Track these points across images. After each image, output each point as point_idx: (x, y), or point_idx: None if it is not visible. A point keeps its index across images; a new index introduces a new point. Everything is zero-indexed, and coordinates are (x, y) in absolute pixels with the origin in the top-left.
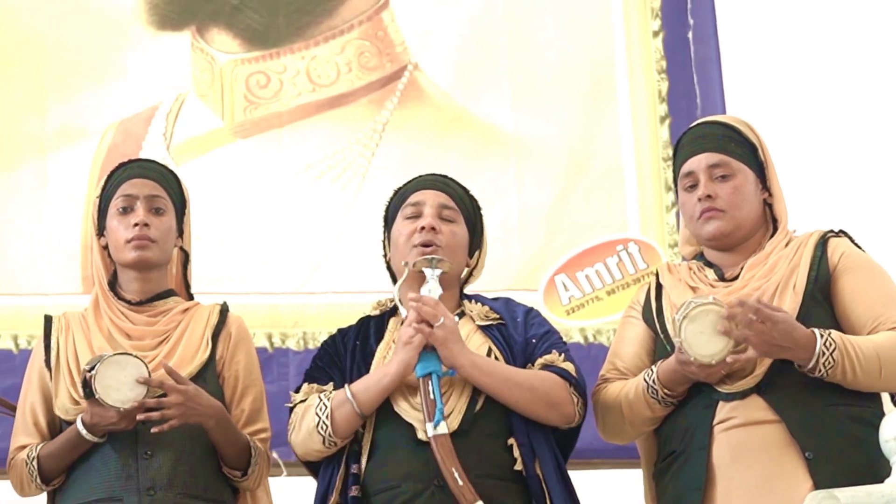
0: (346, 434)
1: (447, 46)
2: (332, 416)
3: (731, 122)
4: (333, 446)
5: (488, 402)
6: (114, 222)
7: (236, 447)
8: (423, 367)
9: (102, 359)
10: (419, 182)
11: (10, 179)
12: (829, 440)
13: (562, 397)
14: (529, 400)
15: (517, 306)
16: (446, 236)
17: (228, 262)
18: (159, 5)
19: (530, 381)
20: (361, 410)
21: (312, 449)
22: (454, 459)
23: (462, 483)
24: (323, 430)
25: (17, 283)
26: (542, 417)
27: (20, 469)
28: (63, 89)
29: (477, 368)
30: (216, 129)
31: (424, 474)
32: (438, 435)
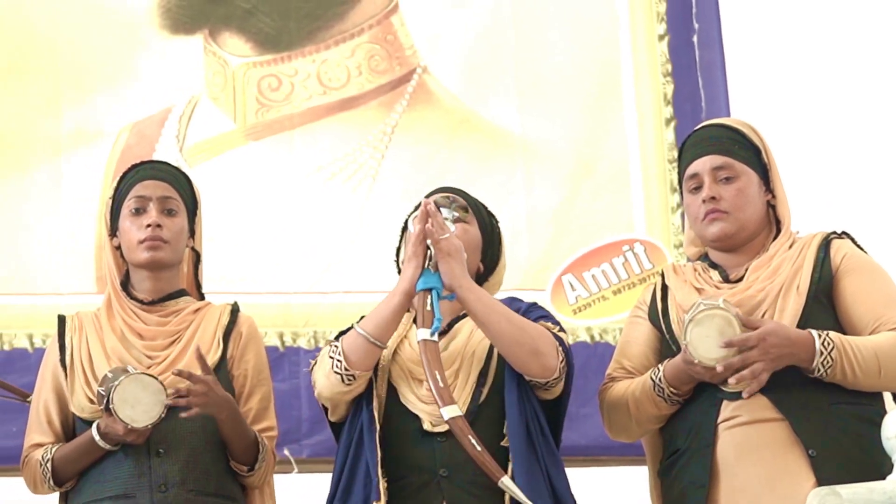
0: (362, 365)
1: (456, 50)
2: (344, 352)
3: (736, 125)
4: (353, 380)
5: (492, 393)
6: (126, 223)
7: (245, 441)
8: (425, 282)
9: (128, 373)
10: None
11: (26, 181)
12: (832, 438)
13: (547, 348)
14: (516, 339)
15: (519, 301)
16: (459, 233)
17: (240, 262)
18: (172, 9)
19: (522, 323)
20: (374, 336)
21: (335, 392)
22: (439, 364)
23: (443, 385)
24: (338, 368)
25: (33, 282)
26: (523, 361)
27: (34, 469)
28: (77, 92)
29: (473, 292)
30: (228, 131)
31: (430, 465)
32: (429, 340)
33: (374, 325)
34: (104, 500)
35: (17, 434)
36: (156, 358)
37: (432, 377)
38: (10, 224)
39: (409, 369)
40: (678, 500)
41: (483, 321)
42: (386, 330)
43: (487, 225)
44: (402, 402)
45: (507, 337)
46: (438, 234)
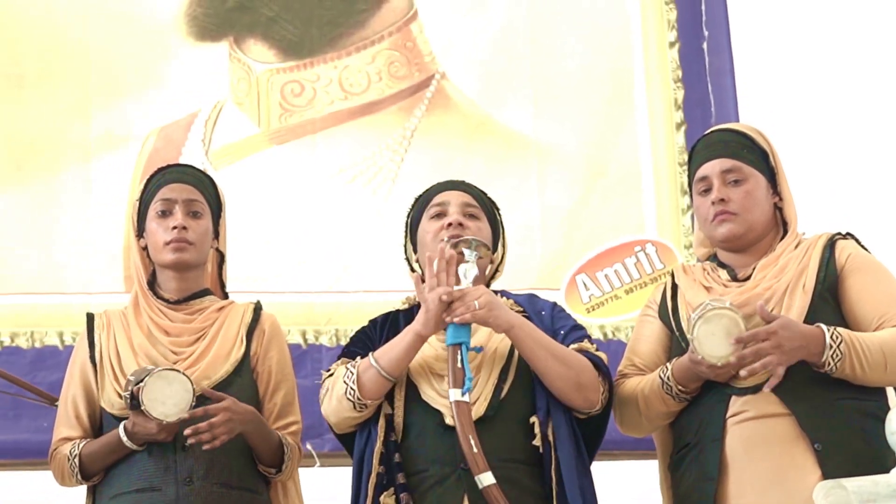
0: (373, 395)
1: (473, 56)
2: (358, 380)
3: (744, 130)
4: (364, 409)
5: (513, 389)
6: (153, 225)
7: (270, 447)
8: (454, 337)
9: (151, 372)
10: (441, 186)
11: (56, 183)
12: (838, 433)
13: (590, 381)
14: (561, 375)
15: (541, 301)
16: (473, 231)
17: (264, 262)
18: (198, 17)
19: (566, 358)
20: (386, 371)
21: (344, 416)
22: (471, 427)
23: (476, 451)
24: (351, 395)
25: (63, 282)
26: (567, 396)
27: (62, 463)
28: (106, 97)
29: (522, 330)
30: (253, 135)
31: (450, 458)
32: (461, 401)
33: (388, 362)
34: (131, 493)
35: (47, 429)
36: (181, 354)
37: (465, 442)
38: (41, 225)
39: (428, 366)
40: (688, 493)
41: (530, 356)
42: (399, 366)
43: (492, 213)
44: (423, 397)
45: (552, 372)
46: (470, 300)
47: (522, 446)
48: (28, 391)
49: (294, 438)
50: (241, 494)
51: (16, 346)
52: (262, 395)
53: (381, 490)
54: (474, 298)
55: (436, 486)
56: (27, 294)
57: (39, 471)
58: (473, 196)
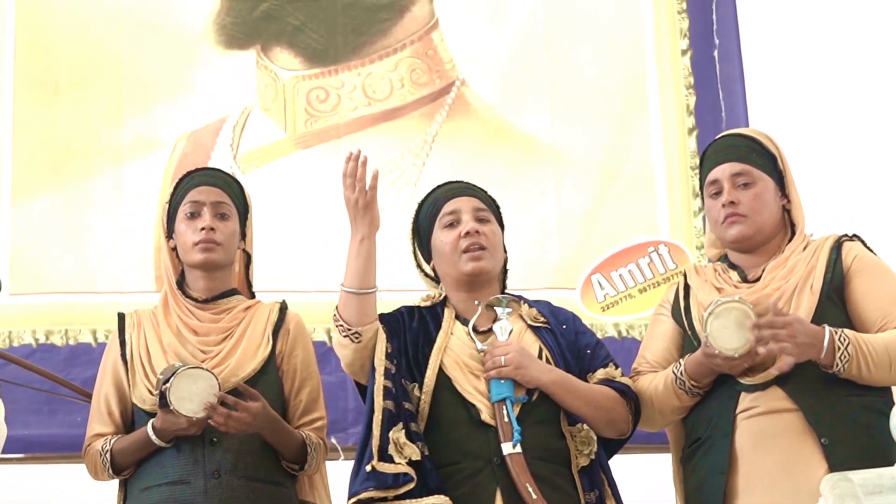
0: (360, 320)
1: (492, 64)
2: (341, 316)
3: (753, 135)
4: (358, 337)
5: (542, 394)
6: (182, 226)
7: (292, 448)
8: (498, 393)
9: (177, 372)
10: (448, 191)
11: (89, 187)
12: (843, 427)
13: (620, 416)
14: (595, 417)
15: (563, 313)
16: (488, 236)
17: (290, 263)
18: (227, 26)
19: (598, 400)
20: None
21: (349, 353)
22: (528, 475)
23: (536, 497)
24: (343, 331)
25: (96, 282)
26: (600, 430)
27: (94, 458)
28: (138, 103)
29: (555, 384)
30: (279, 140)
31: (485, 452)
32: (514, 454)
33: (349, 279)
34: (161, 486)
35: (81, 424)
36: (209, 353)
37: (524, 489)
38: (74, 227)
39: (463, 362)
40: (699, 485)
41: (562, 405)
42: (358, 276)
43: (497, 211)
44: (458, 389)
45: (587, 416)
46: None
47: (550, 446)
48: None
49: (319, 434)
50: (267, 487)
51: (51, 343)
52: (288, 392)
53: (389, 426)
54: (501, 354)
55: (468, 478)
56: (62, 293)
57: (74, 464)
58: (481, 199)
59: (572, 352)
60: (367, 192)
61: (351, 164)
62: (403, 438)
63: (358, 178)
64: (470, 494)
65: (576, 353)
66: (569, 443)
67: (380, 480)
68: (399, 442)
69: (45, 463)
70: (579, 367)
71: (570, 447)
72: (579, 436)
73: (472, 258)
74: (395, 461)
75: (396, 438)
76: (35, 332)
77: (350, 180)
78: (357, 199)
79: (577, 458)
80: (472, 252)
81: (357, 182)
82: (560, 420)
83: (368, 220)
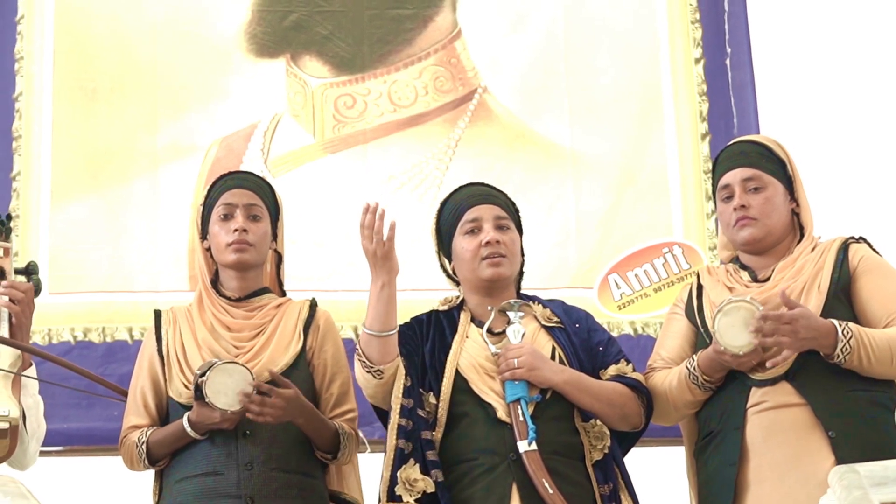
0: (378, 358)
1: (513, 72)
2: (364, 353)
3: (764, 141)
4: (380, 375)
5: (555, 393)
6: (216, 227)
7: (326, 436)
8: (512, 394)
9: (213, 366)
10: (471, 199)
11: (126, 190)
12: (850, 421)
13: (633, 410)
14: (607, 413)
15: (576, 312)
16: (507, 245)
17: (319, 263)
18: (258, 35)
19: (610, 397)
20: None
21: (374, 387)
22: (543, 471)
23: (552, 492)
24: (367, 368)
25: (132, 281)
26: (613, 425)
27: (131, 449)
28: (173, 110)
29: (568, 384)
30: (308, 145)
31: (501, 449)
32: (530, 451)
33: (371, 320)
34: (195, 477)
35: (118, 417)
36: (242, 348)
37: (540, 485)
38: (112, 228)
39: (478, 363)
40: (712, 477)
41: (581, 405)
42: (380, 319)
43: (516, 215)
44: (475, 390)
45: (600, 413)
46: (511, 357)
47: (564, 441)
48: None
49: (351, 425)
50: (299, 478)
51: (88, 340)
52: (319, 385)
53: (400, 463)
54: (514, 357)
55: (485, 474)
56: (99, 292)
57: (110, 456)
58: (502, 206)
59: (585, 349)
60: (384, 243)
61: (369, 217)
62: (416, 474)
63: (376, 230)
64: (488, 490)
65: (589, 351)
66: (583, 438)
67: None
68: (409, 479)
69: (83, 455)
70: (592, 363)
71: (583, 442)
72: (593, 431)
73: (491, 264)
74: (404, 500)
75: (407, 476)
76: (73, 329)
77: (368, 231)
78: (375, 250)
79: (591, 452)
80: (492, 259)
81: (375, 234)
82: (573, 416)
83: (388, 269)
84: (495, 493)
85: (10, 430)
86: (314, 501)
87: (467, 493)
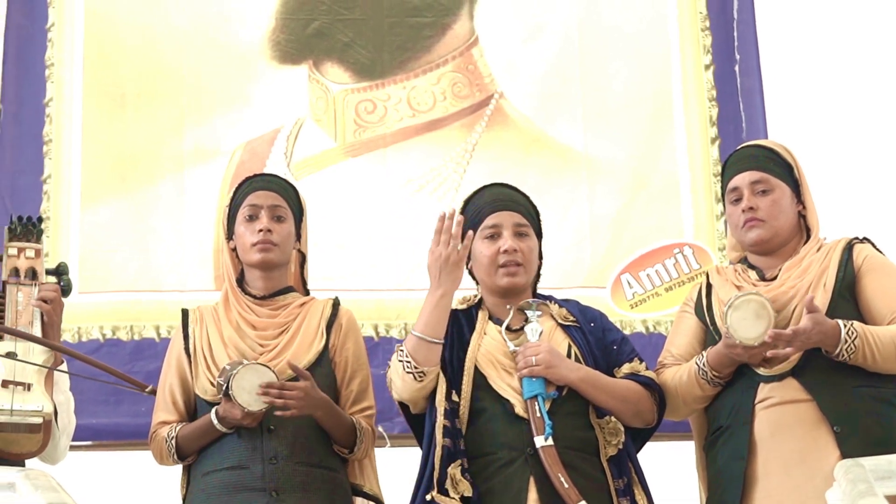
0: (427, 362)
1: (529, 78)
2: (409, 354)
3: (771, 146)
4: (423, 377)
5: (571, 390)
6: (241, 228)
7: (343, 430)
8: (530, 391)
9: (244, 364)
10: (493, 204)
11: (153, 193)
12: (855, 417)
13: (646, 407)
14: (622, 410)
15: (591, 311)
16: (525, 253)
17: (341, 264)
18: (281, 43)
19: (624, 395)
20: (427, 335)
21: (412, 390)
22: (560, 466)
23: (567, 486)
24: (409, 368)
25: (159, 281)
26: (627, 421)
27: (160, 444)
28: (198, 115)
29: (584, 381)
30: (330, 148)
31: (519, 443)
32: (546, 446)
33: (424, 326)
34: (222, 471)
35: (145, 413)
36: (267, 346)
37: (556, 479)
38: (139, 230)
39: (497, 360)
40: (721, 471)
41: (596, 402)
42: (434, 327)
43: (536, 220)
44: (493, 386)
45: (615, 410)
46: (529, 355)
47: (580, 437)
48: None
49: (369, 421)
50: (321, 472)
51: (117, 338)
52: (340, 382)
53: (448, 461)
54: (533, 354)
55: (504, 467)
56: (127, 292)
57: (138, 451)
58: (522, 213)
59: (600, 348)
60: (458, 251)
61: (447, 223)
62: (459, 476)
63: (454, 235)
64: (506, 483)
65: (603, 349)
66: (597, 434)
67: None
68: (455, 478)
69: (111, 450)
70: (606, 361)
71: (598, 438)
72: (607, 427)
73: (507, 273)
74: (451, 495)
75: (454, 475)
76: (102, 328)
77: (445, 237)
78: (449, 255)
79: (606, 448)
80: (508, 268)
81: (452, 239)
82: (589, 413)
83: (454, 278)
84: (513, 486)
85: (44, 425)
86: (336, 494)
87: (486, 486)
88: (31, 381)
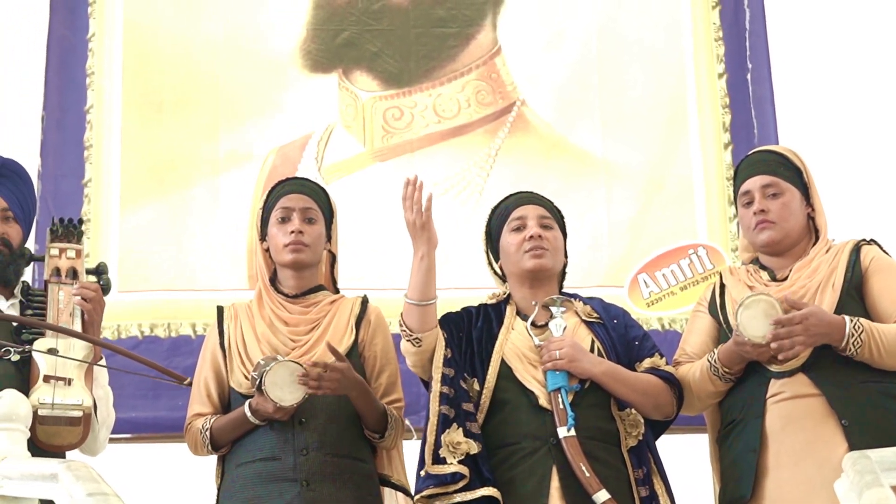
0: (419, 326)
1: (549, 86)
2: (405, 323)
3: (782, 151)
4: (419, 343)
5: (594, 383)
6: (274, 230)
7: (375, 414)
8: (553, 383)
9: (278, 360)
10: (518, 199)
11: (189, 196)
12: (863, 411)
13: (666, 401)
14: (642, 403)
15: (614, 308)
16: (550, 240)
17: (369, 263)
18: (312, 52)
19: (645, 388)
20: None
21: (414, 356)
22: (581, 456)
23: (589, 475)
24: (407, 336)
25: (195, 280)
26: (647, 414)
27: (195, 436)
28: (233, 121)
29: (606, 375)
30: (359, 153)
31: (542, 434)
32: (569, 437)
33: (412, 290)
34: (255, 462)
35: (182, 407)
36: (298, 342)
37: (578, 469)
38: (176, 232)
39: (522, 353)
40: (734, 463)
41: (617, 395)
42: (421, 289)
43: (561, 220)
44: (518, 377)
45: (636, 403)
46: (553, 349)
47: (601, 427)
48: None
49: (398, 412)
50: (351, 462)
51: (154, 335)
52: (369, 376)
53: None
54: (556, 349)
55: (527, 457)
56: (164, 291)
57: (175, 443)
58: (546, 207)
59: (622, 344)
60: (423, 213)
61: (409, 189)
62: (459, 437)
63: (415, 200)
64: (529, 471)
65: (625, 345)
66: (618, 425)
67: (438, 479)
68: (453, 442)
69: (150, 442)
70: (628, 357)
71: (619, 429)
72: (628, 419)
73: (533, 255)
74: (448, 462)
75: (451, 440)
76: (140, 325)
77: (409, 202)
78: (415, 220)
79: (627, 439)
80: (535, 251)
81: (414, 204)
82: (610, 405)
83: (426, 238)
84: (536, 474)
85: (84, 418)
86: (365, 483)
87: (510, 475)
88: (72, 376)
